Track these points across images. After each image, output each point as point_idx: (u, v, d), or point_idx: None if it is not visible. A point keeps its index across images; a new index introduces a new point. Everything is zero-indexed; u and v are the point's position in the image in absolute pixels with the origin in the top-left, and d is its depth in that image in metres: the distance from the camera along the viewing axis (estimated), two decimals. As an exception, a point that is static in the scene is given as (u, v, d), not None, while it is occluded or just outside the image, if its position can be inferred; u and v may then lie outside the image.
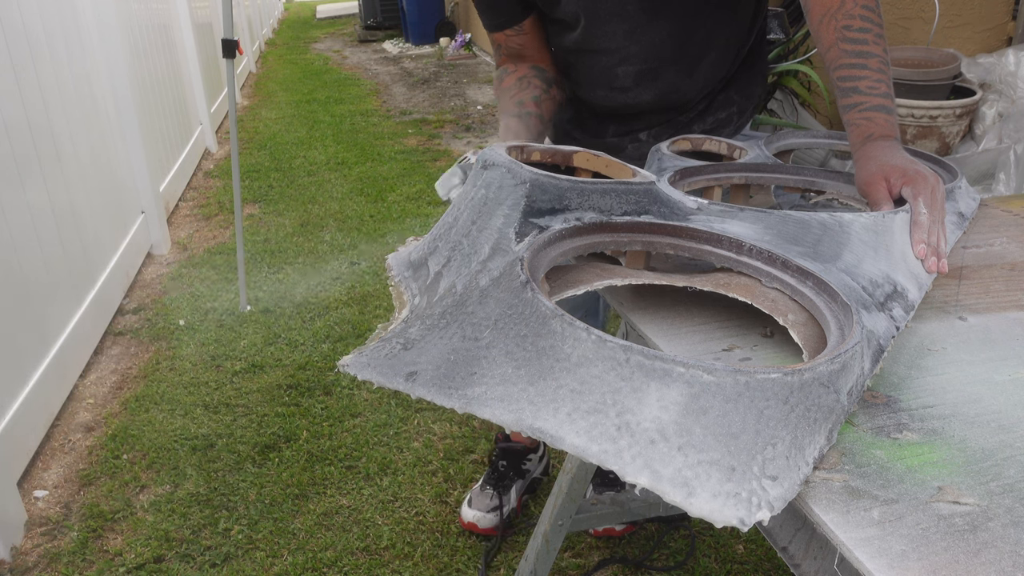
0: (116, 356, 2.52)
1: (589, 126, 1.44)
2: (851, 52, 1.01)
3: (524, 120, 1.26)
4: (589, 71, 1.32)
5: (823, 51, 1.05)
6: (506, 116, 1.27)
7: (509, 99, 1.29)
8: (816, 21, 1.05)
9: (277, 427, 2.12)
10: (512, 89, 1.30)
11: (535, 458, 1.88)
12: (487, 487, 1.80)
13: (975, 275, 0.97)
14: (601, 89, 1.34)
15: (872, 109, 0.98)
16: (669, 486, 0.53)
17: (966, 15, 3.53)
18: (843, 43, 1.01)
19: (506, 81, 1.32)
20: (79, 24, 2.76)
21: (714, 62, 1.30)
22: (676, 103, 1.34)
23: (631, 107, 1.34)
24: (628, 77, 1.29)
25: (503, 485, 1.80)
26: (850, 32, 1.01)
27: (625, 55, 1.27)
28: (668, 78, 1.29)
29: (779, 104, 3.69)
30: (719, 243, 0.83)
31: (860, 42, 1.01)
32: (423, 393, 0.63)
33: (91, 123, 2.79)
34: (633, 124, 1.38)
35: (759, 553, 1.70)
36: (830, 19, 1.03)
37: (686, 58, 1.28)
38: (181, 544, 1.73)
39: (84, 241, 2.55)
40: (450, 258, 0.82)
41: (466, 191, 0.89)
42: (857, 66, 1.00)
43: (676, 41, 1.26)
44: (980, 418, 0.67)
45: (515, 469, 1.84)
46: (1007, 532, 0.54)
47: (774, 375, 0.58)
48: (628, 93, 1.32)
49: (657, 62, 1.27)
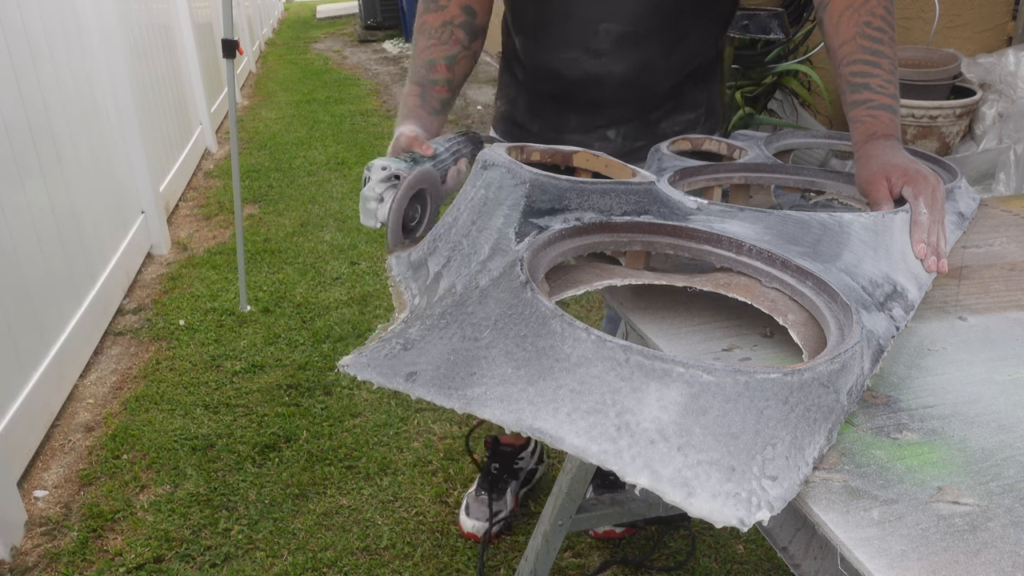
0: (116, 356, 2.52)
1: (548, 116, 1.33)
2: (867, 49, 1.00)
3: (426, 93, 1.16)
4: (567, 25, 1.21)
5: (837, 44, 1.03)
6: (411, 82, 1.17)
7: (422, 53, 1.18)
8: (837, 13, 1.03)
9: (277, 427, 2.12)
10: (430, 37, 1.18)
11: (527, 455, 1.86)
12: (482, 492, 1.78)
13: (975, 275, 0.97)
14: (574, 50, 1.22)
15: (879, 107, 0.98)
16: (669, 486, 0.53)
17: (966, 15, 3.53)
18: (861, 39, 1.00)
19: (429, 20, 1.19)
20: (79, 25, 2.76)
21: (691, 47, 1.25)
22: (646, 86, 1.25)
23: (599, 80, 1.23)
24: (609, 38, 1.19)
25: (498, 489, 1.79)
26: (870, 29, 1.01)
27: (614, 10, 1.18)
28: (648, 50, 1.21)
29: (779, 104, 3.69)
30: (719, 243, 0.83)
31: (877, 41, 1.00)
32: (423, 393, 0.63)
33: (91, 123, 2.79)
34: (597, 117, 1.29)
35: (759, 553, 1.70)
36: (853, 13, 1.01)
37: (670, 32, 1.21)
38: (181, 544, 1.73)
39: (84, 241, 2.55)
40: (450, 258, 0.82)
41: (466, 191, 0.89)
42: (871, 63, 0.99)
43: (665, 11, 1.19)
44: (980, 418, 0.67)
45: (508, 471, 1.82)
46: (1007, 532, 0.54)
47: (774, 375, 0.58)
48: (602, 59, 1.21)
49: (644, 27, 1.19)
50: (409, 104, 1.15)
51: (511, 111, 1.39)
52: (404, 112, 1.15)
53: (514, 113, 1.38)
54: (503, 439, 1.83)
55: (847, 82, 1.01)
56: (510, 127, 1.39)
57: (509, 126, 1.40)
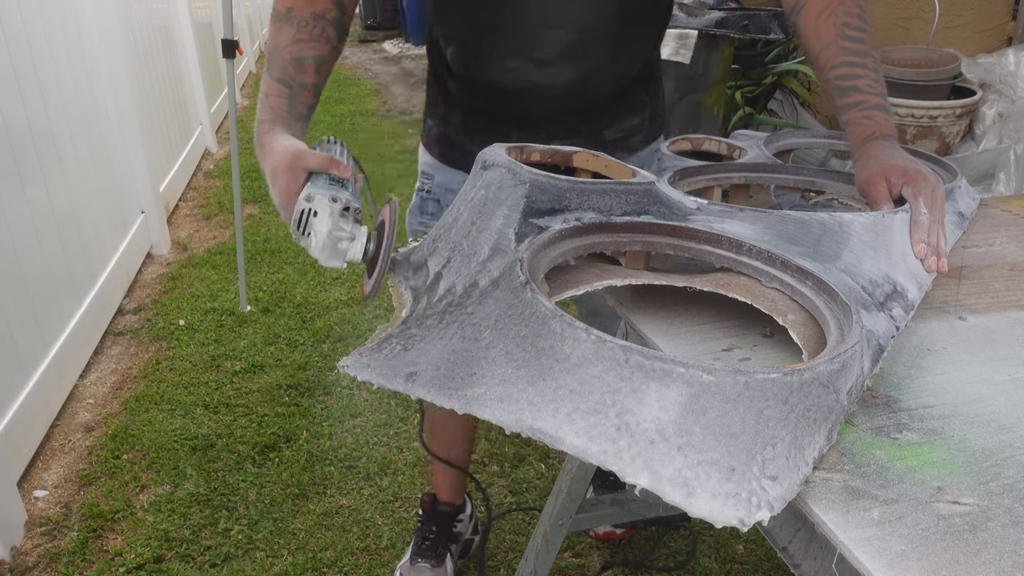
0: (116, 356, 2.52)
1: (485, 133, 1.20)
2: (850, 51, 0.99)
3: (294, 96, 1.03)
4: (510, 33, 1.12)
5: (818, 48, 1.02)
6: (275, 79, 1.03)
7: (289, 47, 1.04)
8: (814, 17, 1.02)
9: (277, 427, 2.12)
10: (300, 30, 1.04)
11: (464, 518, 1.70)
12: (418, 560, 1.61)
13: (975, 275, 0.97)
14: (515, 59, 1.13)
15: (873, 108, 0.98)
16: (669, 486, 0.53)
17: (966, 15, 3.53)
18: (843, 40, 1.00)
19: (296, 8, 1.05)
20: (79, 25, 2.76)
21: (635, 53, 1.20)
22: (591, 95, 1.19)
23: (544, 91, 1.16)
24: (556, 47, 1.11)
25: (437, 555, 1.62)
26: (849, 30, 1.00)
27: (562, 17, 1.10)
28: (595, 57, 1.14)
29: (779, 104, 3.69)
30: (719, 243, 0.83)
31: (859, 41, 1.00)
32: (423, 394, 0.63)
33: (91, 123, 2.78)
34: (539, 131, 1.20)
35: (759, 553, 1.70)
36: (830, 15, 1.00)
37: (616, 38, 1.15)
38: (181, 544, 1.73)
39: (84, 241, 2.55)
40: (450, 259, 0.82)
41: (466, 191, 0.89)
42: (857, 64, 0.99)
43: (614, 18, 1.12)
44: (980, 418, 0.67)
45: (446, 534, 1.65)
46: (1007, 532, 0.54)
47: (774, 375, 0.58)
48: (547, 68, 1.13)
49: (591, 34, 1.12)
50: (275, 105, 1.02)
51: (444, 130, 1.28)
52: (270, 114, 1.02)
53: (448, 132, 1.28)
54: (442, 497, 1.66)
55: (835, 86, 1.00)
56: (447, 149, 1.28)
57: (446, 148, 1.28)
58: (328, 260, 0.86)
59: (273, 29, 1.07)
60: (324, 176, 0.90)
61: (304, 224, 0.87)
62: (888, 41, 3.56)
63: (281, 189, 0.93)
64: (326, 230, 0.85)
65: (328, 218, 0.85)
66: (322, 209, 0.85)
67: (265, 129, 1.00)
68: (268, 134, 0.99)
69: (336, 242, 0.85)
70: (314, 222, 0.86)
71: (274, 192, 0.95)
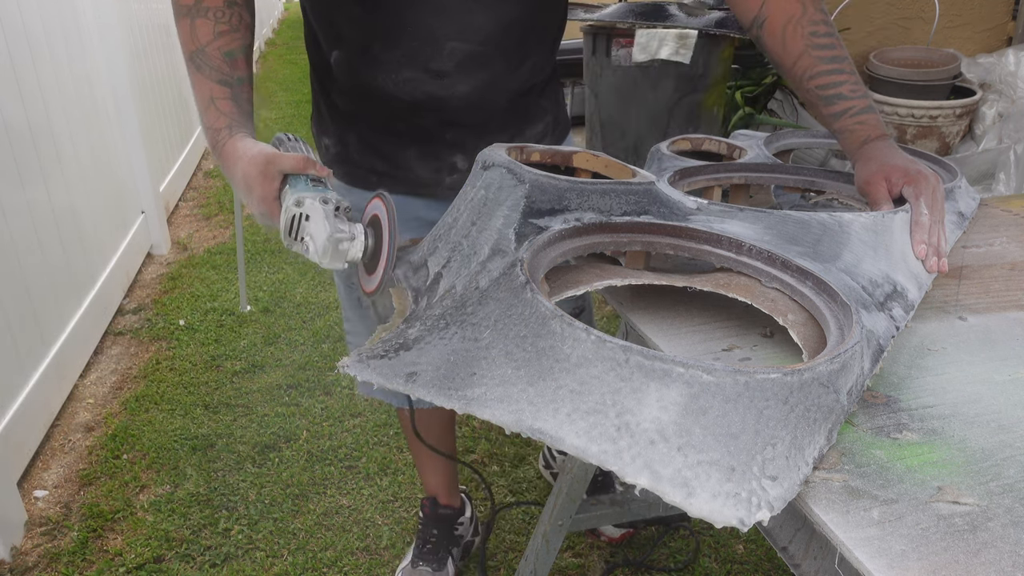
0: (116, 356, 2.52)
1: (385, 150, 1.16)
2: (825, 58, 0.98)
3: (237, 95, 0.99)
4: (406, 42, 1.05)
5: (790, 61, 1.00)
6: (212, 80, 0.98)
7: (215, 42, 0.98)
8: (779, 30, 0.99)
9: (277, 427, 2.12)
10: (218, 21, 0.99)
11: (465, 520, 1.69)
12: (419, 564, 1.60)
13: (975, 275, 0.97)
14: (411, 70, 1.07)
15: (862, 112, 0.97)
16: (669, 486, 0.53)
17: (966, 15, 3.53)
18: (815, 50, 0.98)
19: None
20: (79, 24, 2.76)
21: (533, 64, 1.16)
22: (488, 106, 1.14)
23: (440, 103, 1.10)
24: (454, 57, 1.06)
25: (438, 559, 1.61)
26: (818, 38, 0.98)
27: (462, 28, 1.05)
28: (493, 69, 1.10)
29: (779, 104, 3.69)
30: (719, 243, 0.83)
31: (830, 47, 0.98)
32: (423, 394, 0.63)
33: (91, 123, 2.78)
34: (440, 145, 1.15)
35: (759, 553, 1.70)
36: (796, 26, 0.98)
37: (515, 51, 1.11)
38: (181, 544, 1.73)
39: (84, 241, 2.55)
40: (450, 259, 0.82)
41: (466, 191, 0.89)
42: (835, 71, 0.97)
43: (514, 29, 1.08)
44: (980, 418, 0.67)
45: (448, 537, 1.64)
46: (1007, 532, 0.54)
47: (774, 375, 0.58)
48: (444, 80, 1.08)
49: (491, 46, 1.08)
50: (225, 110, 0.97)
51: (343, 151, 1.20)
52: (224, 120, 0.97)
53: (348, 153, 1.20)
54: (443, 500, 1.64)
55: (818, 96, 0.99)
56: (352, 169, 1.20)
57: (350, 168, 1.21)
58: (330, 263, 0.85)
59: (185, 25, 1.00)
60: (302, 177, 0.88)
61: (296, 230, 0.85)
62: (888, 41, 3.56)
63: (259, 198, 0.90)
64: (326, 233, 0.83)
65: (324, 221, 0.83)
66: (315, 212, 0.84)
67: (224, 137, 0.96)
68: (229, 141, 0.95)
69: (337, 243, 0.84)
70: (308, 226, 0.84)
71: (250, 202, 0.92)
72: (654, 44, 2.87)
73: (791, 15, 0.99)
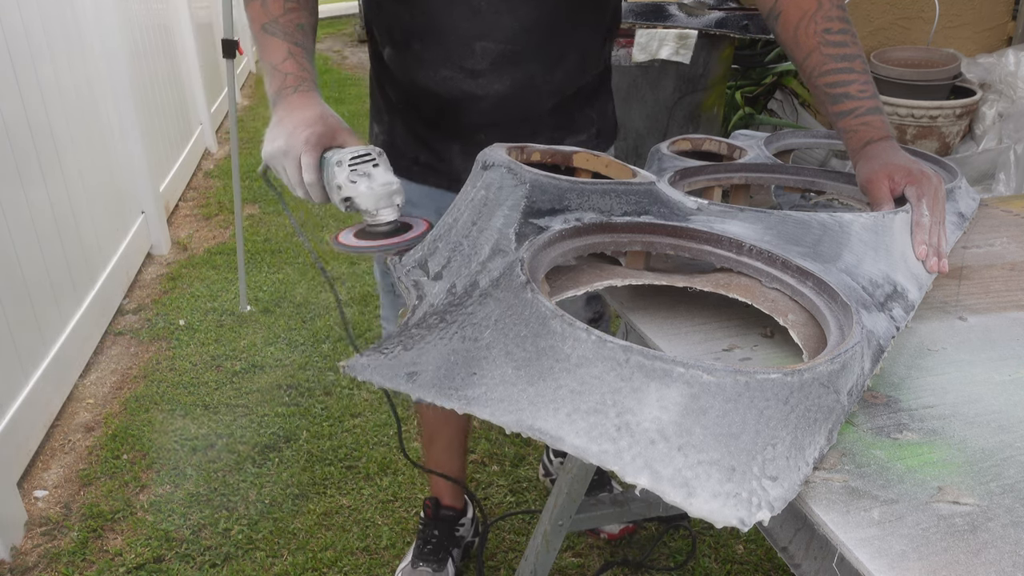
0: (116, 356, 2.52)
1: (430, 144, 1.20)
2: (836, 56, 0.98)
3: (310, 57, 1.03)
4: (440, 41, 1.11)
5: (801, 57, 1.00)
6: (291, 43, 1.02)
7: (284, 17, 1.03)
8: (792, 26, 1.00)
9: (277, 427, 2.12)
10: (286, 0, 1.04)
11: (466, 522, 1.70)
12: (420, 564, 1.60)
13: (975, 275, 0.97)
14: (448, 69, 1.12)
15: (867, 113, 0.97)
16: (669, 486, 0.53)
17: (966, 15, 3.53)
18: (826, 47, 0.98)
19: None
20: (79, 25, 2.76)
21: (574, 63, 1.17)
22: (528, 106, 1.17)
23: (477, 101, 1.14)
24: (486, 56, 1.10)
25: (439, 559, 1.61)
26: (831, 35, 0.98)
27: (489, 27, 1.09)
28: (528, 68, 1.13)
29: (779, 104, 3.69)
30: (719, 243, 0.83)
31: (842, 45, 0.98)
32: (423, 394, 0.63)
33: (91, 123, 2.78)
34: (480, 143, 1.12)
35: (759, 553, 1.70)
36: (809, 22, 0.99)
37: (549, 49, 1.13)
38: (181, 544, 1.73)
39: (84, 241, 2.55)
40: (450, 259, 0.82)
41: (466, 191, 0.89)
42: (844, 70, 0.97)
43: (545, 24, 1.10)
44: (980, 418, 0.67)
45: (449, 538, 1.64)
46: (1007, 532, 0.54)
47: (774, 375, 0.58)
48: (480, 79, 1.12)
49: (521, 45, 1.11)
50: (303, 63, 1.01)
51: (391, 140, 1.25)
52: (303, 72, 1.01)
53: (395, 142, 1.24)
54: (444, 502, 1.65)
55: (825, 93, 0.99)
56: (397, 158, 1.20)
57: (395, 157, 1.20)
58: (375, 203, 0.91)
59: (255, 5, 1.05)
60: None
61: (359, 165, 0.92)
62: (888, 41, 3.56)
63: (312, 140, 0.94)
64: (389, 177, 0.92)
65: (386, 168, 0.93)
66: (382, 161, 0.93)
67: (307, 87, 1.00)
68: (308, 92, 0.99)
69: (391, 186, 0.92)
70: (375, 172, 0.92)
71: (299, 137, 0.95)
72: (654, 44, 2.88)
73: (806, 10, 0.99)
